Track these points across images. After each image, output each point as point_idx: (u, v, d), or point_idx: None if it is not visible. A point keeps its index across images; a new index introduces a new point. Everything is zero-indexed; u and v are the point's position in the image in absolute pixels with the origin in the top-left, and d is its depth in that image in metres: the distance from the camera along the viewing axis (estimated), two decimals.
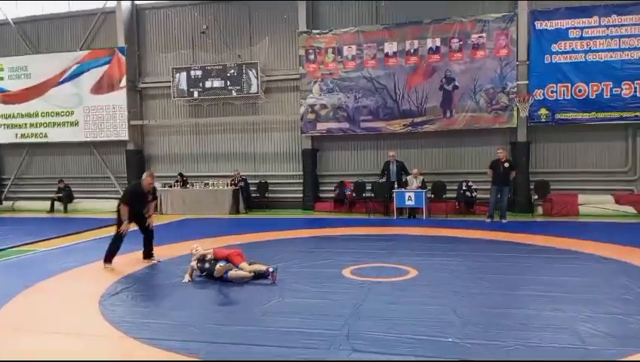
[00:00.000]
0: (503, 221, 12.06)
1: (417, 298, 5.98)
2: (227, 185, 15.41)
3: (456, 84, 14.14)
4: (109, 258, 7.95)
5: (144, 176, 8.23)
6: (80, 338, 4.99)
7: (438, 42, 14.26)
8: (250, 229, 11.64)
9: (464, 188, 13.89)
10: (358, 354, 4.32)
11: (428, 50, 14.32)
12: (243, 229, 11.76)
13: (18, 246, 10.06)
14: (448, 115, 14.24)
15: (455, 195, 14.02)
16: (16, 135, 17.86)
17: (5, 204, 18.19)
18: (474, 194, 13.76)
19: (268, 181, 16.13)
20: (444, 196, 14.07)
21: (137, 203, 8.10)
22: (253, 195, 15.89)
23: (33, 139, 17.77)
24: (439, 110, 14.27)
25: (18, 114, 17.74)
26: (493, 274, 7.07)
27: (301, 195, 15.73)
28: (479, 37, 13.95)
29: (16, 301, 6.24)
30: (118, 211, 8.05)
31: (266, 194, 16.01)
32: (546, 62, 13.59)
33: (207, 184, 15.71)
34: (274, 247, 9.26)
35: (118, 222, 7.99)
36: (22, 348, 4.75)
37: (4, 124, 17.92)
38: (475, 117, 14.07)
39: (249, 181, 15.92)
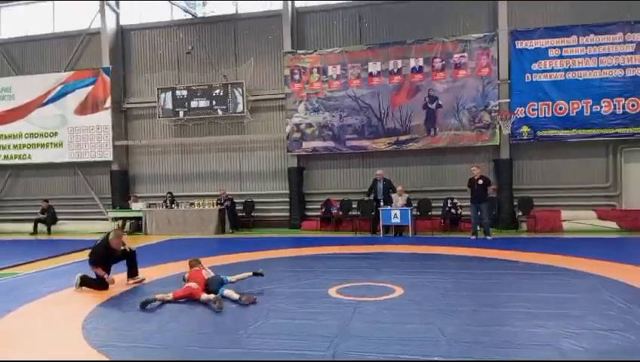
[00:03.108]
0: (488, 238, 12.16)
1: (403, 317, 5.98)
2: (213, 205, 15.35)
3: (440, 102, 14.35)
4: (84, 285, 7.85)
5: (111, 236, 7.98)
6: None
7: (420, 62, 14.50)
8: (236, 249, 11.59)
9: (449, 205, 14.00)
10: None
11: (411, 69, 14.54)
12: (228, 249, 11.70)
13: (0, 269, 9.89)
14: (432, 133, 14.41)
15: (440, 212, 14.12)
16: (0, 157, 17.67)
17: None
18: (459, 211, 13.87)
19: (254, 200, 16.12)
20: (430, 213, 14.18)
21: (109, 260, 7.97)
22: (239, 215, 15.84)
23: (16, 161, 17.60)
24: (423, 128, 14.45)
25: (1, 135, 17.60)
26: (479, 292, 7.11)
27: (287, 214, 15.72)
28: (461, 56, 14.20)
29: None
30: (92, 264, 7.90)
31: (252, 214, 15.98)
32: (526, 80, 13.87)
33: (193, 204, 15.64)
34: (259, 267, 9.20)
35: (97, 275, 7.87)
36: None
37: None
38: (458, 135, 14.26)
39: (235, 200, 15.88)
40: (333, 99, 15.03)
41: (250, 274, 7.69)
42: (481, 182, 12.37)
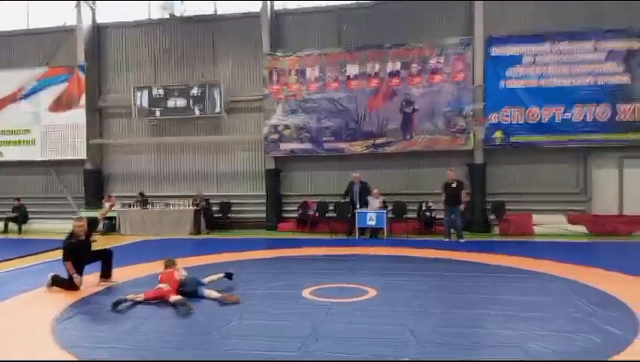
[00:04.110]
0: (461, 240, 12.34)
1: (376, 318, 6.05)
2: (189, 206, 15.24)
3: (415, 107, 14.51)
4: (55, 284, 7.74)
5: (73, 222, 7.97)
6: None
7: (398, 66, 14.65)
8: (211, 250, 11.53)
9: (424, 208, 14.17)
10: None
11: (388, 73, 14.67)
12: (204, 250, 11.64)
13: None
14: (408, 136, 14.57)
15: (415, 215, 14.28)
16: None
17: None
18: (433, 214, 14.04)
19: (231, 201, 16.05)
20: (405, 216, 14.31)
21: (80, 251, 7.89)
22: (215, 216, 15.76)
23: None
24: (399, 132, 14.59)
25: None
26: (450, 294, 7.22)
27: (264, 215, 15.70)
28: (437, 62, 14.39)
29: None
30: (65, 259, 7.81)
31: (229, 215, 15.91)
32: (500, 86, 14.13)
33: (169, 204, 15.49)
34: (234, 268, 9.17)
35: (69, 274, 7.78)
36: None
37: None
38: (433, 139, 14.44)
39: (211, 201, 15.79)
40: (311, 101, 15.08)
41: (222, 275, 7.69)
42: (454, 185, 12.57)
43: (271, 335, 5.44)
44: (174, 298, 6.71)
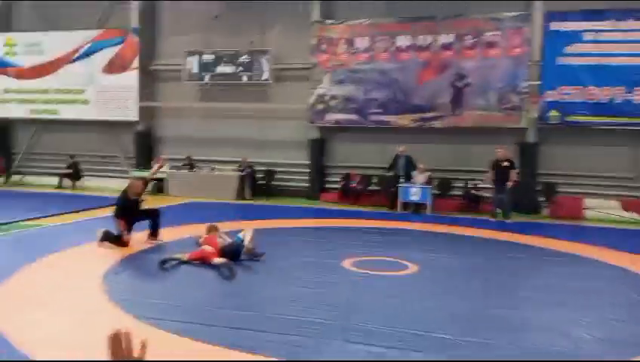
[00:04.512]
0: (507, 221, 12.06)
1: (415, 293, 6.03)
2: (234, 171, 15.48)
3: (468, 81, 14.07)
4: (106, 240, 8.08)
5: (131, 180, 8.33)
6: (80, 314, 5.09)
7: (451, 38, 14.18)
8: (255, 216, 11.71)
9: (470, 186, 13.87)
10: (350, 346, 4.38)
11: (441, 45, 14.24)
12: (247, 215, 11.83)
13: (25, 220, 10.18)
14: (458, 112, 14.19)
15: (461, 193, 14.01)
16: (28, 110, 17.98)
17: (14, 177, 18.39)
18: (480, 192, 13.75)
19: (274, 169, 16.18)
20: (450, 193, 14.05)
21: (132, 210, 8.17)
22: (259, 182, 15.96)
23: (44, 116, 17.88)
24: (449, 107, 14.22)
25: (30, 90, 17.86)
26: (493, 274, 7.11)
27: (307, 185, 15.78)
28: (493, 35, 13.84)
29: (20, 275, 6.33)
30: (116, 216, 8.13)
31: (272, 182, 16.07)
32: (558, 63, 13.49)
33: (214, 168, 15.78)
34: (276, 235, 9.32)
35: (119, 230, 8.08)
36: (26, 319, 4.85)
37: (17, 99, 18.04)
38: (484, 115, 14.01)
39: (256, 168, 15.98)
40: (360, 71, 14.85)
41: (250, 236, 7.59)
42: (505, 164, 12.21)
43: (310, 302, 5.52)
44: (217, 260, 6.88)
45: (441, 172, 14.33)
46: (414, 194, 13.00)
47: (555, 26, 13.48)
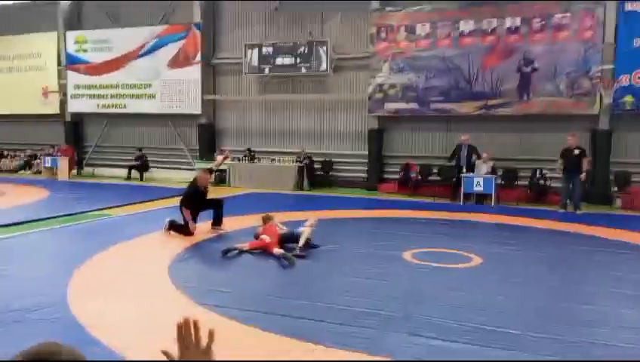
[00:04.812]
0: (577, 212, 11.47)
1: (480, 286, 5.83)
2: (292, 162, 15.60)
3: (535, 66, 13.44)
4: (172, 229, 8.34)
5: (199, 173, 8.62)
6: (148, 300, 5.27)
7: (517, 22, 13.58)
8: (313, 206, 11.73)
9: (537, 175, 13.27)
10: (415, 338, 4.29)
11: (506, 29, 13.67)
12: (306, 206, 11.88)
13: (97, 210, 10.70)
14: (525, 98, 13.59)
15: (527, 183, 13.45)
16: (98, 105, 18.86)
17: (86, 169, 19.39)
18: (547, 182, 13.14)
19: (332, 159, 16.17)
20: (516, 183, 13.53)
21: (198, 201, 8.43)
22: (317, 173, 16.00)
23: (113, 110, 18.69)
24: (515, 93, 13.64)
25: (100, 85, 18.71)
26: (563, 267, 6.77)
27: (365, 175, 15.66)
28: (563, 17, 13.13)
29: (91, 261, 6.65)
30: (183, 206, 8.39)
31: (330, 173, 16.07)
32: (634, 46, 12.61)
33: (274, 160, 15.98)
34: (335, 226, 9.31)
35: (185, 219, 8.32)
36: (97, 304, 5.08)
37: (87, 95, 18.96)
38: (553, 102, 13.35)
39: (314, 159, 16.02)
40: (420, 59, 14.52)
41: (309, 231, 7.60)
42: (577, 152, 11.60)
43: (372, 293, 5.45)
44: (278, 250, 6.94)
45: (506, 161, 13.80)
46: (477, 184, 12.59)
47: (630, 6, 12.60)
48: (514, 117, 13.86)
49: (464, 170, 13.02)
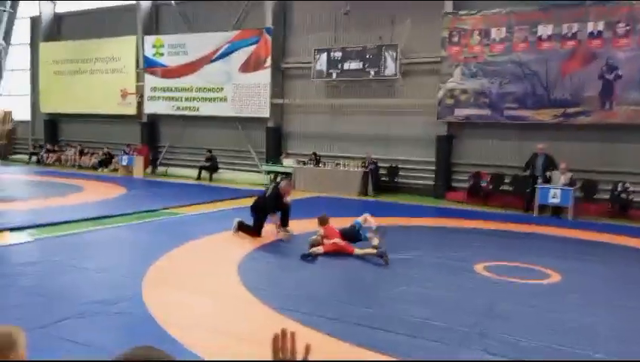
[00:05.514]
0: None
1: (559, 304, 5.50)
2: (358, 167, 15.50)
3: (619, 73, 12.63)
4: (241, 229, 8.47)
5: (283, 184, 8.83)
6: (219, 299, 5.35)
7: (600, 26, 12.83)
8: (378, 213, 11.51)
9: (620, 189, 12.46)
10: (490, 356, 4.08)
11: (588, 34, 12.95)
12: (371, 212, 11.60)
13: (169, 208, 11.08)
14: (607, 106, 12.80)
15: (608, 196, 12.65)
16: (173, 107, 19.62)
17: (160, 169, 20.21)
18: (631, 196, 12.30)
19: (399, 166, 15.94)
20: (595, 196, 12.77)
21: (273, 206, 8.56)
22: (382, 179, 15.82)
23: (186, 112, 19.38)
24: (597, 101, 12.89)
25: (175, 88, 19.46)
26: None
27: (432, 183, 15.31)
28: None
29: (165, 258, 6.86)
30: (256, 207, 8.55)
31: (396, 179, 15.84)
32: None
33: (339, 164, 15.94)
34: (402, 233, 9.13)
35: (257, 221, 8.46)
36: (170, 301, 5.21)
37: (163, 97, 19.77)
38: (639, 110, 12.51)
39: (379, 164, 15.85)
40: (494, 64, 14.03)
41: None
42: None
43: (443, 306, 5.27)
44: (362, 251, 7.08)
45: (586, 173, 13.05)
46: (554, 196, 11.97)
47: None
48: (594, 126, 13.10)
49: (539, 180, 12.44)
